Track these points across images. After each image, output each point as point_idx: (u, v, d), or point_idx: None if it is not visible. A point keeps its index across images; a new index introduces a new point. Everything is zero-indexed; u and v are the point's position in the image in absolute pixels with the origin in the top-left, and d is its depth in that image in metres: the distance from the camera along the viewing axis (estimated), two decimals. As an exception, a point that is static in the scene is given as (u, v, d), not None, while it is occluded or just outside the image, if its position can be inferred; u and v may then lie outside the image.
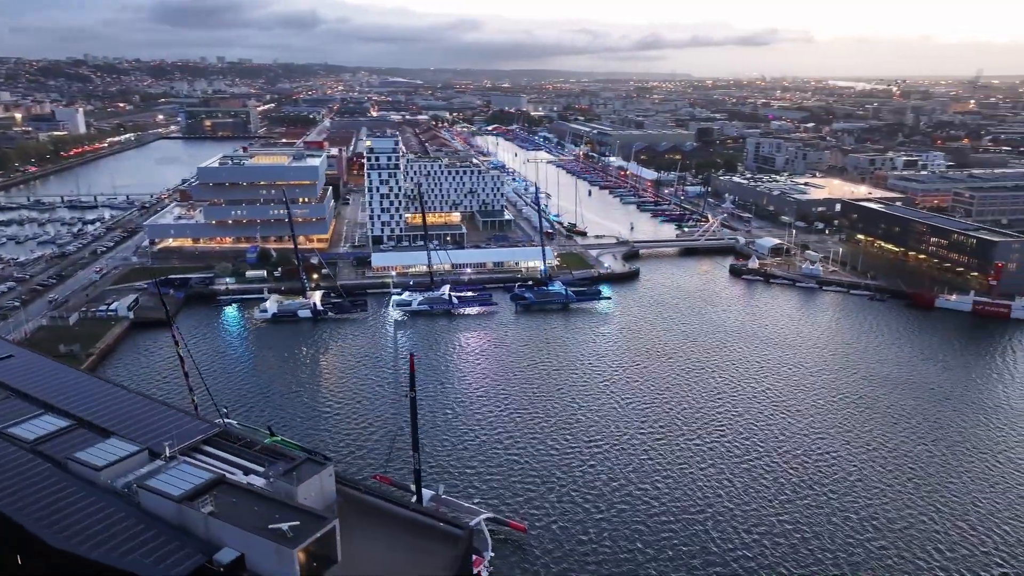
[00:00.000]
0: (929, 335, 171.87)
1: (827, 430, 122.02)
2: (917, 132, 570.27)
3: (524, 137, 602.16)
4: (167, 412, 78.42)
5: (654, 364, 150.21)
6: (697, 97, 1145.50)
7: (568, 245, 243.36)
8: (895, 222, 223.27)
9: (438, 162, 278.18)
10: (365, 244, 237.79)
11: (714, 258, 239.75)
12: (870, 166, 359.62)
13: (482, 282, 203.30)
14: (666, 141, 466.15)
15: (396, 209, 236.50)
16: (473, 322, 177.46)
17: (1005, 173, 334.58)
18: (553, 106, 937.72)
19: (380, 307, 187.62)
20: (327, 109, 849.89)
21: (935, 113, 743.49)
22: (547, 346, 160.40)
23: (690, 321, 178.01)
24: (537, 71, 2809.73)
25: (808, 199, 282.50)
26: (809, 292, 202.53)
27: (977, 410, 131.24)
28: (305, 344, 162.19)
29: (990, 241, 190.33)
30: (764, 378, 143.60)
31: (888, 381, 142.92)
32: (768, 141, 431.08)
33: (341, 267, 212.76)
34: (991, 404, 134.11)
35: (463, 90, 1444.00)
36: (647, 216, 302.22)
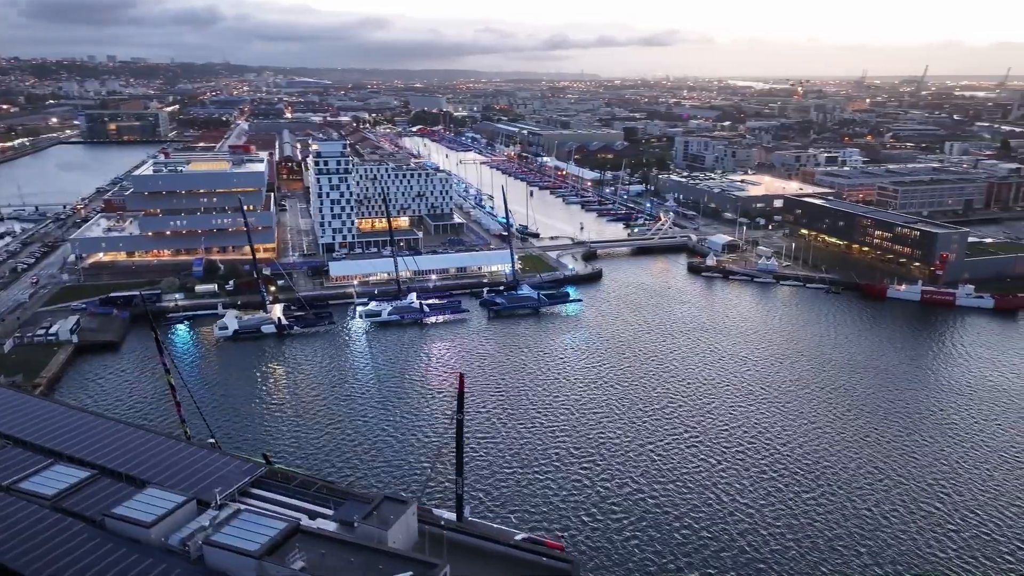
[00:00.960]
0: (884, 324, 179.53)
1: (831, 424, 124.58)
2: (825, 130, 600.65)
3: (451, 138, 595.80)
4: (192, 451, 70.81)
5: (640, 364, 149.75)
6: (610, 96, 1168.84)
7: (525, 248, 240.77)
8: (839, 217, 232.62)
9: (384, 165, 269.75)
10: (316, 252, 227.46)
11: (668, 256, 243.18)
12: (795, 163, 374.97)
13: (448, 288, 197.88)
14: (597, 141, 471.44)
15: (348, 215, 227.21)
16: (446, 331, 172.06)
17: (917, 168, 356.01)
18: (472, 106, 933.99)
19: (346, 318, 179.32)
20: (238, 111, 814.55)
21: (835, 111, 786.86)
22: (527, 352, 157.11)
23: (662, 319, 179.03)
24: (447, 71, 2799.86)
25: (748, 196, 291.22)
26: (767, 287, 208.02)
27: (936, 390, 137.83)
28: (275, 362, 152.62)
29: (932, 233, 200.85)
30: (747, 372, 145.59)
31: (859, 368, 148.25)
32: (696, 140, 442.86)
33: (296, 278, 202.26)
34: (945, 383, 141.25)
35: (376, 90, 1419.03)
36: (593, 216, 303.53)
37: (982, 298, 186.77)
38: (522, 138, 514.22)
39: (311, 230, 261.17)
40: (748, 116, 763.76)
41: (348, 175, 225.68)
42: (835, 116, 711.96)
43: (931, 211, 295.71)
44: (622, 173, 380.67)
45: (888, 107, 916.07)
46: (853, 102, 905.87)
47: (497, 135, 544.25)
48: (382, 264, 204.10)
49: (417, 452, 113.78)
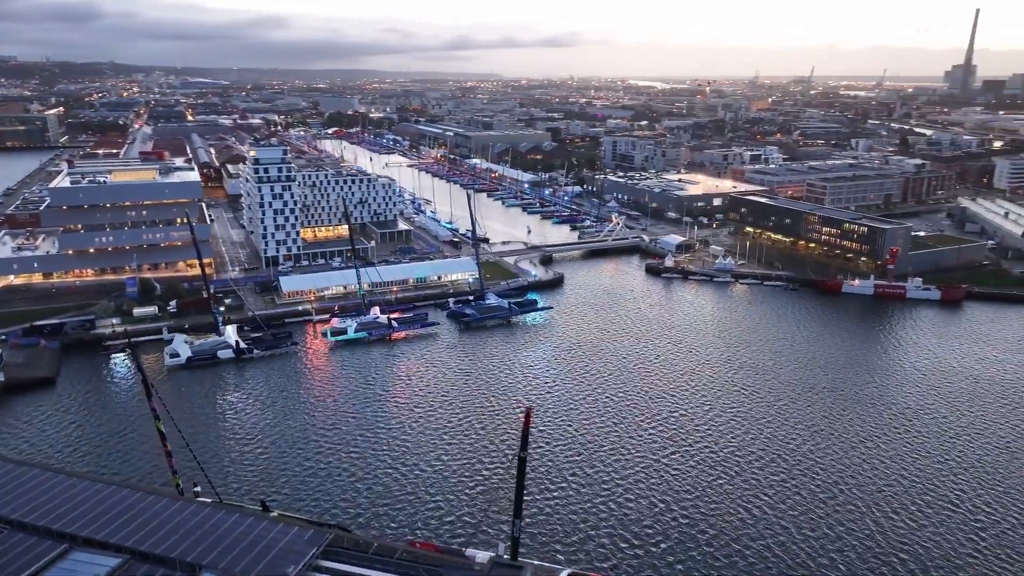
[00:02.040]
0: (846, 319, 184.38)
1: (833, 425, 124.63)
2: (738, 128, 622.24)
3: (370, 140, 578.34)
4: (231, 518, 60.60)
5: (625, 372, 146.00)
6: (520, 97, 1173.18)
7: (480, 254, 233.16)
8: (786, 214, 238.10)
9: (323, 171, 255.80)
10: (258, 266, 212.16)
11: (621, 258, 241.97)
12: (723, 161, 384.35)
13: (410, 300, 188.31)
14: (526, 142, 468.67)
15: (292, 226, 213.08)
16: (416, 346, 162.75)
17: (835, 165, 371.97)
18: (385, 107, 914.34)
19: (306, 337, 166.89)
20: (133, 114, 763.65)
21: (741, 111, 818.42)
22: (507, 366, 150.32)
23: (633, 323, 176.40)
24: (350, 71, 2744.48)
25: (690, 195, 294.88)
26: (726, 286, 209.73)
27: (902, 379, 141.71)
28: (240, 391, 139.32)
29: (880, 228, 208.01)
30: (735, 375, 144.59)
31: (842, 366, 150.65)
32: (624, 140, 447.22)
33: (242, 295, 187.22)
34: (909, 372, 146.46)
35: (279, 90, 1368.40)
36: (537, 219, 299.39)
37: (929, 290, 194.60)
38: (448, 140, 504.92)
39: (246, 242, 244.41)
40: (661, 115, 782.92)
41: (292, 183, 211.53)
42: (743, 115, 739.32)
43: (856, 206, 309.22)
44: (559, 175, 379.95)
45: (785, 106, 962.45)
46: (756, 101, 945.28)
47: (423, 137, 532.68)
48: (338, 277, 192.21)
49: (425, 485, 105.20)
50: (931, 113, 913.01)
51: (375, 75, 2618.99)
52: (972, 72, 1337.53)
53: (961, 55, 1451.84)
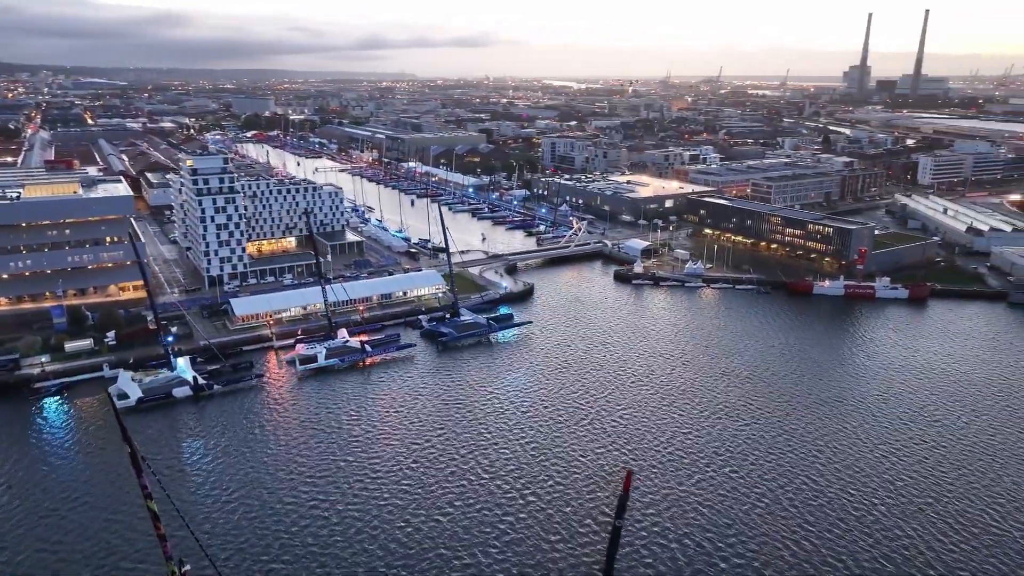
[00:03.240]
0: (819, 321, 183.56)
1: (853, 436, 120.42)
2: (665, 128, 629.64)
3: (294, 144, 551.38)
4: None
5: (622, 388, 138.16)
6: (440, 97, 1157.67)
7: (438, 265, 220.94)
8: (747, 216, 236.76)
9: (264, 180, 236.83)
10: (200, 287, 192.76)
11: (585, 265, 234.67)
12: (665, 161, 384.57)
13: (378, 320, 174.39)
14: (462, 144, 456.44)
15: (237, 242, 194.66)
16: (393, 373, 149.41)
17: (773, 164, 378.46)
18: (303, 108, 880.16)
19: (267, 367, 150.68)
20: (24, 117, 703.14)
21: (663, 110, 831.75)
22: (497, 392, 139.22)
23: (616, 335, 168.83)
24: (257, 70, 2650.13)
25: (643, 197, 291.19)
26: (698, 291, 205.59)
27: (887, 381, 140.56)
28: (204, 435, 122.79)
29: (847, 229, 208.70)
30: (723, 382, 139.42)
31: (821, 371, 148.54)
32: (563, 141, 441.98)
33: (189, 320, 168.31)
34: (892, 369, 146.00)
35: (184, 91, 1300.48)
36: (488, 224, 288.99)
37: (896, 289, 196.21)
38: (379, 143, 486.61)
39: (180, 259, 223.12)
40: (586, 115, 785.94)
41: (236, 195, 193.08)
42: (668, 115, 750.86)
43: (801, 204, 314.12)
44: (501, 178, 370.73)
45: (700, 105, 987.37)
46: (674, 101, 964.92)
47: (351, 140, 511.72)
48: (296, 297, 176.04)
49: (446, 540, 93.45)
50: (837, 111, 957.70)
51: (284, 75, 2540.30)
52: (867, 73, 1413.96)
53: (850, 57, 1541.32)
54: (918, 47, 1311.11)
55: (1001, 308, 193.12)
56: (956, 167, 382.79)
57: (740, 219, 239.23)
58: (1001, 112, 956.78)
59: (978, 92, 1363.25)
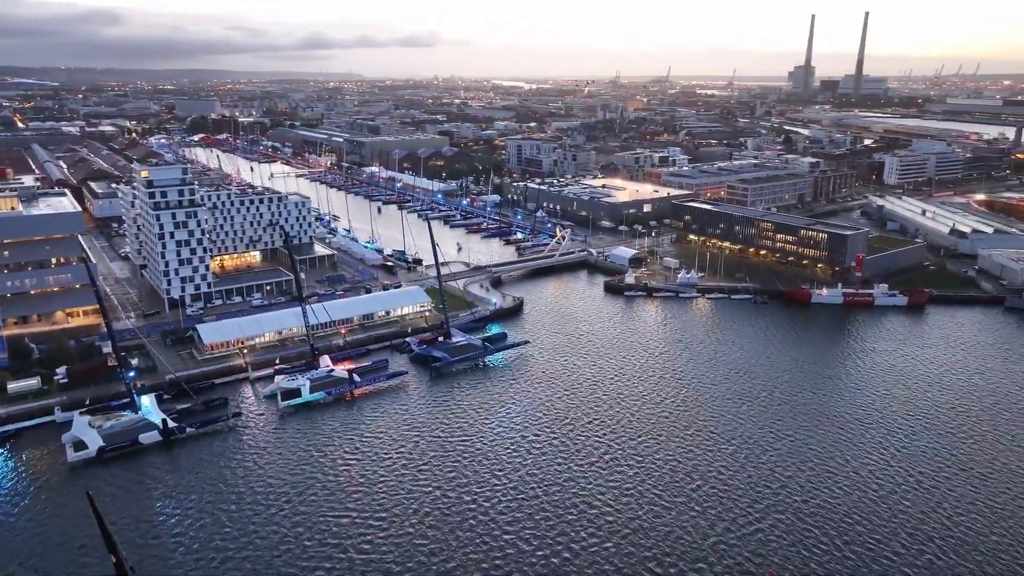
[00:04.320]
0: (821, 332, 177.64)
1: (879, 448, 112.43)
2: (625, 129, 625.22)
3: (245, 148, 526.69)
4: None
5: (639, 415, 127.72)
6: (391, 97, 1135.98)
7: (419, 279, 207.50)
8: (735, 221, 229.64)
9: (224, 189, 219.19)
10: (159, 310, 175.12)
11: (568, 275, 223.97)
12: (635, 164, 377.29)
13: (361, 343, 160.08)
14: (424, 147, 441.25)
15: (200, 259, 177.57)
16: (385, 405, 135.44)
17: (743, 165, 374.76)
18: (250, 109, 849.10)
19: (244, 402, 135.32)
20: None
21: (619, 111, 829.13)
22: (504, 425, 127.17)
23: (618, 354, 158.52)
24: (197, 71, 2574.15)
25: (620, 202, 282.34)
26: (693, 301, 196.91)
27: (901, 397, 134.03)
28: (180, 492, 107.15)
29: (843, 235, 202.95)
30: (738, 403, 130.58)
31: (832, 386, 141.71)
32: (529, 143, 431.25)
33: (150, 350, 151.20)
34: (898, 386, 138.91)
35: (122, 92, 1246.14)
36: (461, 233, 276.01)
37: (895, 296, 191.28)
38: (337, 146, 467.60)
39: (133, 278, 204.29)
40: (543, 116, 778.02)
41: (197, 208, 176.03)
42: (626, 115, 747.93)
43: (777, 206, 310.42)
44: (468, 182, 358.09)
45: (653, 104, 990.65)
46: (630, 101, 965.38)
47: (309, 143, 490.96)
48: (271, 320, 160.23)
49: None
50: (787, 111, 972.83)
51: (227, 75, 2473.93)
52: (811, 73, 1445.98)
53: (790, 57, 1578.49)
54: (859, 49, 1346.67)
55: (997, 313, 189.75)
56: (920, 167, 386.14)
57: (728, 225, 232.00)
58: (941, 112, 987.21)
59: (914, 92, 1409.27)
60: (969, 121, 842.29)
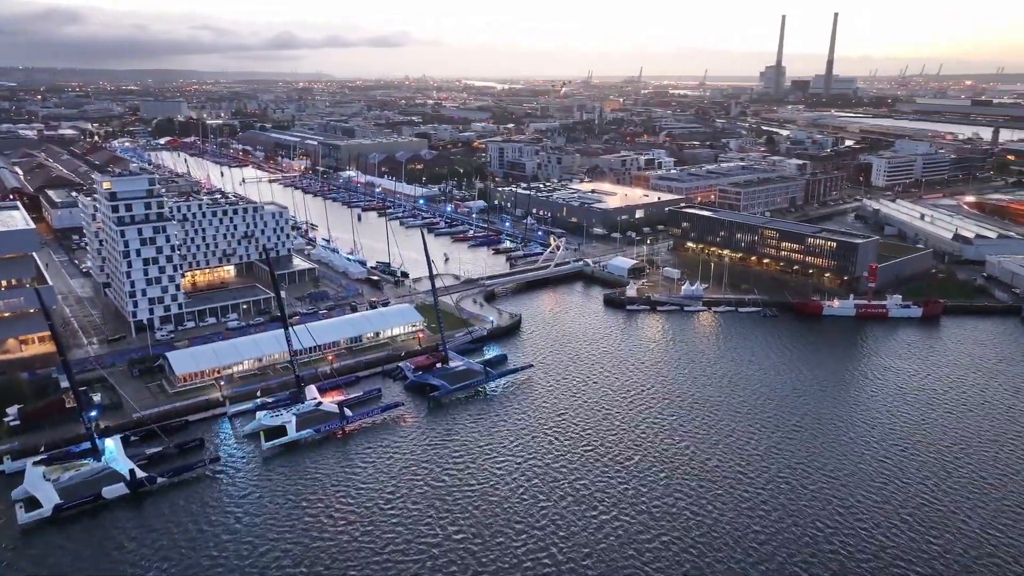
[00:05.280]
0: (837, 347, 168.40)
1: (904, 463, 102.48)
2: (604, 130, 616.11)
3: (214, 151, 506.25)
4: None
5: (661, 449, 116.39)
6: (364, 99, 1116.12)
7: (408, 295, 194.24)
8: (737, 228, 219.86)
9: (195, 200, 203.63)
10: (124, 335, 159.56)
11: (563, 287, 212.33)
12: (622, 167, 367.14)
13: (350, 370, 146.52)
14: (403, 151, 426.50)
15: (170, 278, 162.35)
16: (382, 441, 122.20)
17: (730, 168, 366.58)
18: (218, 111, 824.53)
19: (221, 442, 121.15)
20: None
21: (596, 111, 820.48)
22: (517, 462, 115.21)
23: (629, 375, 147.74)
24: (163, 71, 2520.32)
25: (613, 208, 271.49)
26: (699, 315, 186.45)
27: (935, 421, 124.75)
28: (149, 560, 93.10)
29: (852, 244, 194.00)
30: (778, 434, 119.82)
31: (857, 408, 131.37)
32: (511, 145, 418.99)
33: (114, 383, 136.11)
34: (927, 408, 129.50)
35: (83, 93, 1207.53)
36: (447, 241, 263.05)
37: (909, 307, 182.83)
38: (311, 150, 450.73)
39: (96, 297, 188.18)
40: (520, 117, 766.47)
41: (166, 222, 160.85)
42: (604, 116, 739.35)
43: (770, 210, 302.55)
44: (450, 186, 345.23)
45: (629, 105, 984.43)
46: (607, 102, 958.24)
47: (282, 146, 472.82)
48: (249, 346, 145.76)
49: None
50: (762, 111, 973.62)
51: (193, 76, 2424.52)
52: (782, 73, 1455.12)
53: (759, 58, 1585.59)
54: (829, 49, 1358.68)
55: (1015, 324, 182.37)
56: (907, 168, 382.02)
57: (729, 232, 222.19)
58: (911, 112, 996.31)
59: (882, 92, 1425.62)
60: (939, 121, 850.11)
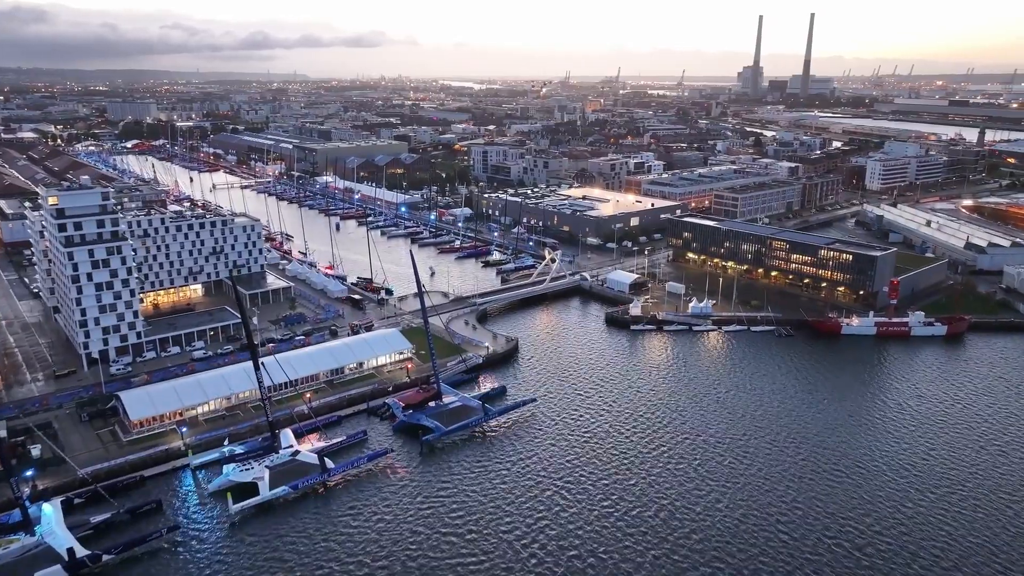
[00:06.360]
0: (860, 370, 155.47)
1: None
2: (588, 132, 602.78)
3: (185, 156, 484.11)
4: None
5: (688, 500, 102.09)
6: (340, 99, 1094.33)
7: (392, 316, 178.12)
8: (744, 239, 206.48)
9: (158, 214, 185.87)
10: (75, 369, 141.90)
11: (559, 304, 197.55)
12: (611, 171, 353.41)
13: (332, 408, 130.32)
14: (382, 154, 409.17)
15: (127, 304, 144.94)
16: (369, 498, 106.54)
17: (722, 172, 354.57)
18: (189, 113, 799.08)
19: (187, 504, 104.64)
20: None
21: (576, 112, 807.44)
22: (528, 521, 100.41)
23: (644, 408, 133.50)
24: (132, 71, 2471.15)
25: (607, 216, 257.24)
26: (709, 335, 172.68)
27: None
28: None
29: (870, 256, 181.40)
30: (799, 471, 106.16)
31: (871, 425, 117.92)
32: (495, 149, 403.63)
33: (60, 429, 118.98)
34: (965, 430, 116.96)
35: (49, 94, 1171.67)
36: (432, 252, 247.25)
37: (933, 325, 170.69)
38: (286, 153, 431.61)
39: (45, 323, 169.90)
40: (500, 118, 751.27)
41: (122, 242, 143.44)
42: (586, 117, 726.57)
43: (768, 216, 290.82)
44: (432, 192, 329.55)
45: (609, 106, 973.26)
46: (588, 103, 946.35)
47: (255, 150, 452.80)
48: (217, 382, 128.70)
49: None
50: (742, 111, 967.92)
51: (163, 76, 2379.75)
52: (760, 73, 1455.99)
53: (739, 58, 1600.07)
54: (806, 49, 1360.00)
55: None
56: (901, 171, 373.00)
57: (733, 243, 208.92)
58: (890, 112, 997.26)
59: (857, 92, 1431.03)
60: (917, 121, 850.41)
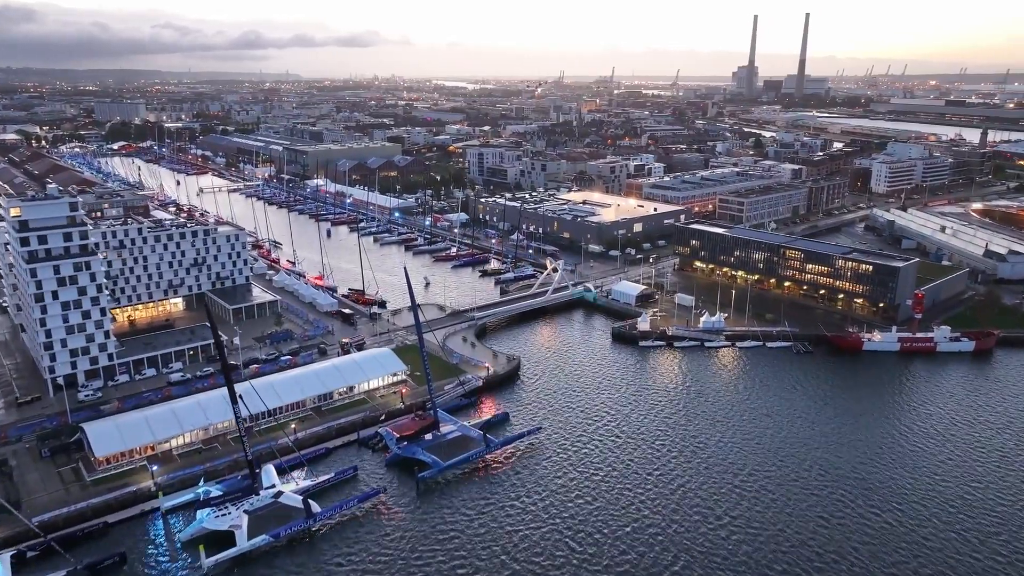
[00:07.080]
0: (886, 390, 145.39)
1: None
2: (585, 132, 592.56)
3: (172, 158, 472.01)
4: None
5: (720, 545, 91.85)
6: (333, 100, 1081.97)
7: (386, 331, 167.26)
8: (754, 248, 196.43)
9: (134, 224, 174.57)
10: (40, 395, 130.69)
11: (561, 317, 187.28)
12: (611, 174, 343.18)
13: (320, 439, 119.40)
14: (375, 156, 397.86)
15: (97, 324, 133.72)
16: (359, 546, 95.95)
17: (725, 174, 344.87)
18: (179, 114, 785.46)
19: (155, 556, 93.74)
20: None
21: (572, 113, 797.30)
22: (546, 570, 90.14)
23: (656, 433, 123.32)
24: (123, 71, 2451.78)
25: (609, 222, 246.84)
26: (722, 351, 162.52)
27: None
28: None
29: (891, 267, 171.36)
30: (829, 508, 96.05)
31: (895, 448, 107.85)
32: (491, 151, 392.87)
33: (16, 466, 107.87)
34: None
35: (37, 94, 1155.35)
36: (426, 260, 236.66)
37: (960, 341, 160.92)
38: (276, 156, 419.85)
39: (12, 342, 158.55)
40: (495, 119, 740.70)
41: (91, 257, 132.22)
42: (582, 118, 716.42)
43: (775, 221, 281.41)
44: (427, 196, 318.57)
45: (605, 106, 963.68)
46: (583, 103, 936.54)
47: (245, 152, 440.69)
48: (193, 411, 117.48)
49: None
50: (738, 111, 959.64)
51: (154, 76, 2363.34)
52: (755, 73, 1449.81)
53: (733, 58, 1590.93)
54: (801, 49, 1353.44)
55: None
56: (908, 173, 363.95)
57: (744, 252, 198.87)
58: (887, 112, 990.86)
59: (851, 92, 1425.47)
60: (915, 121, 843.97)
